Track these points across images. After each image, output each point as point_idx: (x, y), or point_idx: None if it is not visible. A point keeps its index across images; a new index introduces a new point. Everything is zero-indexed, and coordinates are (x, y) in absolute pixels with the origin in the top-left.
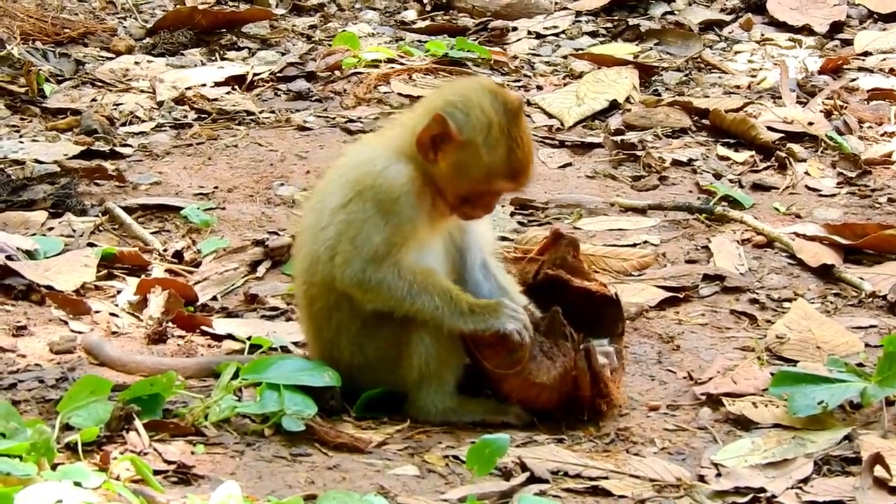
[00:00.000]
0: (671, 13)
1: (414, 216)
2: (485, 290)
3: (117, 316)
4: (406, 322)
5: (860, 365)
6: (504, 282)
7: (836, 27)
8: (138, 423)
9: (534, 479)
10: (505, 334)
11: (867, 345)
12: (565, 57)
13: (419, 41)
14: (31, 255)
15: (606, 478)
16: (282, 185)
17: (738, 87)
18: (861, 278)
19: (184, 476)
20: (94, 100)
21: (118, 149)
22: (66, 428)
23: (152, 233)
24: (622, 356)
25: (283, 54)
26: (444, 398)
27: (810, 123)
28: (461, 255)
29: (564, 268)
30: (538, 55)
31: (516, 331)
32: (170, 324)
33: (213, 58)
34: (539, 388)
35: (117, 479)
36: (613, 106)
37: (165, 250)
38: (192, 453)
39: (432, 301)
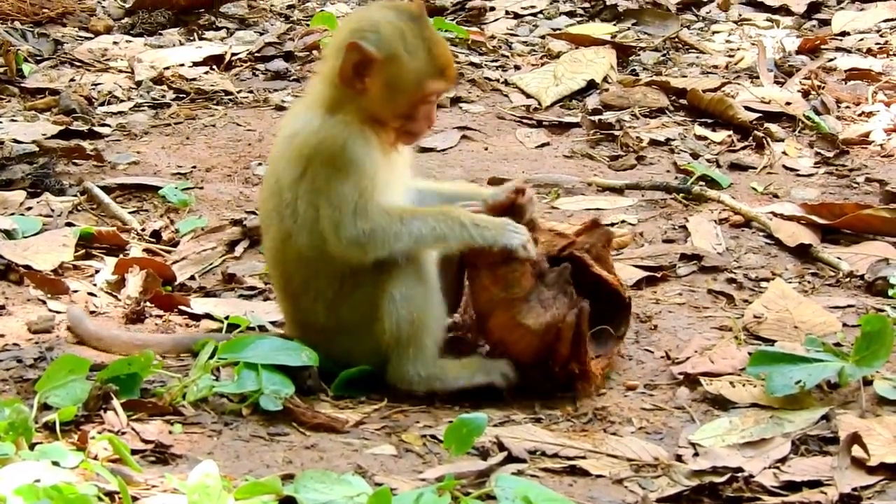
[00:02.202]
0: None
1: (367, 157)
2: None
3: (95, 295)
4: (377, 287)
5: (837, 345)
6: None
7: (814, 7)
8: (116, 403)
9: (511, 458)
10: (509, 250)
11: (845, 324)
12: (543, 37)
13: None
14: (9, 234)
15: (584, 457)
16: (260, 164)
17: (715, 66)
18: (838, 258)
19: (161, 455)
20: (72, 80)
21: (96, 128)
22: (44, 407)
23: (130, 212)
24: (616, 353)
25: (262, 34)
26: (425, 365)
27: (788, 103)
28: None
29: (590, 253)
30: (516, 35)
31: (521, 245)
32: (148, 303)
33: (192, 38)
34: (523, 330)
35: (95, 458)
36: (591, 86)
37: (143, 230)
38: (170, 433)
39: (427, 223)
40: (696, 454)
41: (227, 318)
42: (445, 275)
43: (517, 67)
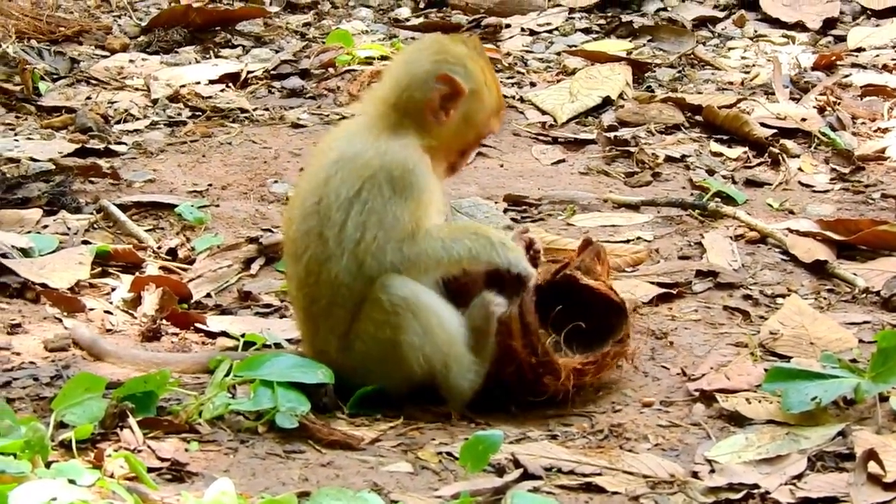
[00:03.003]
0: (664, 10)
1: (429, 184)
2: None
3: (111, 313)
4: (386, 343)
5: (854, 361)
6: None
7: (830, 23)
8: (132, 421)
9: (527, 475)
10: (524, 277)
11: (861, 340)
12: (558, 53)
13: (413, 38)
14: (25, 252)
15: (600, 474)
16: (276, 182)
17: (731, 83)
18: (854, 274)
19: (178, 473)
20: (88, 98)
21: (113, 147)
22: (61, 425)
23: (146, 230)
24: (616, 356)
25: (277, 52)
26: (472, 369)
27: (803, 119)
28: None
29: (581, 269)
30: (531, 52)
31: (535, 275)
32: (164, 321)
33: (208, 55)
34: None
35: (111, 476)
36: (606, 102)
37: (159, 248)
38: (186, 450)
39: (465, 245)
40: (713, 471)
41: (243, 335)
42: None
43: (533, 84)
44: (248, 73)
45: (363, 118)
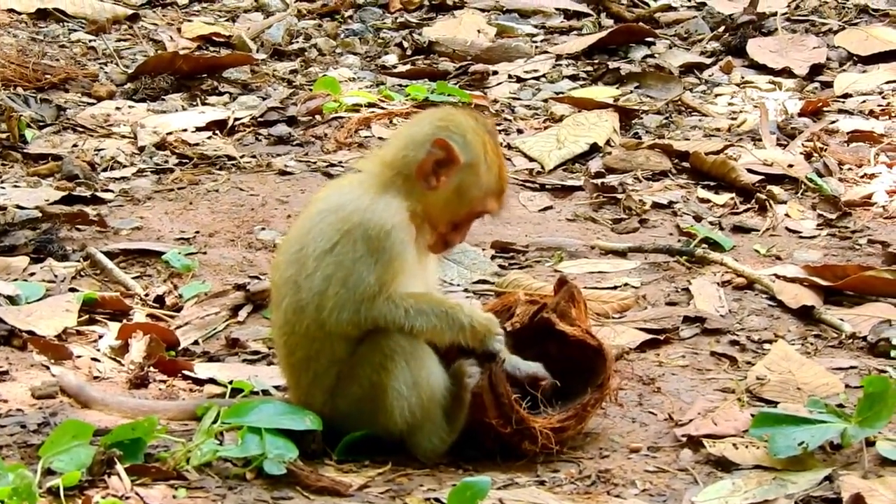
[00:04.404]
0: (651, 56)
1: (404, 251)
2: None
3: (99, 361)
4: (376, 387)
5: (840, 406)
6: None
7: (816, 69)
8: (120, 468)
9: None
10: (493, 352)
11: (847, 386)
12: (546, 100)
13: (400, 85)
14: (12, 300)
15: None
16: (263, 229)
17: (718, 129)
18: (841, 319)
19: None
20: (75, 145)
21: (99, 194)
22: (48, 472)
23: (134, 277)
24: (597, 402)
25: (264, 99)
26: (440, 434)
27: (790, 165)
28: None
29: (556, 312)
30: (518, 99)
31: (503, 348)
32: (151, 368)
33: (194, 103)
34: None
35: None
36: (594, 149)
37: (147, 295)
38: (174, 497)
39: (430, 321)
40: None
41: (230, 382)
42: None
43: (520, 131)
44: (235, 120)
45: (360, 174)
